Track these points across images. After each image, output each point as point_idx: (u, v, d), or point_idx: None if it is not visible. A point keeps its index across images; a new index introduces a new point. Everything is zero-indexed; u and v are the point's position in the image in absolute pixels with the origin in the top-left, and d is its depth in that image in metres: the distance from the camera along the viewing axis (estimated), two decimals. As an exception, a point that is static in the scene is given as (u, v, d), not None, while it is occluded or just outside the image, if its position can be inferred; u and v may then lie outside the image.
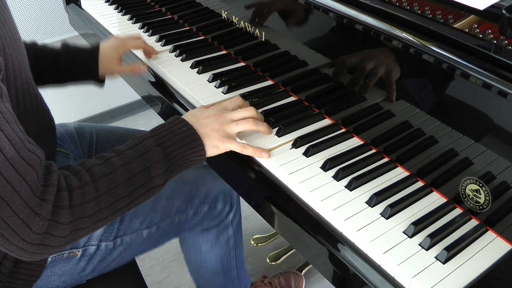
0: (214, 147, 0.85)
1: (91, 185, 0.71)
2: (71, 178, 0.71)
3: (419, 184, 0.84)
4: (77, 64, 1.11)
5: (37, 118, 0.91)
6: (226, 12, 1.19)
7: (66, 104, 2.20)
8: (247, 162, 0.92)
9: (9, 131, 0.64)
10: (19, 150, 0.65)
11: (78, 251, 0.95)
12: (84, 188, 0.70)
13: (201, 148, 0.83)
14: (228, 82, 1.11)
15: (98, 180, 0.72)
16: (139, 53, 1.25)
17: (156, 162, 0.77)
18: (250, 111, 0.91)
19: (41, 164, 0.68)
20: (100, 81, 1.16)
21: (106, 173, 0.73)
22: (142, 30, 1.38)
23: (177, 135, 0.81)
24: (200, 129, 0.84)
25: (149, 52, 1.21)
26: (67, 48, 1.11)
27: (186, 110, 1.08)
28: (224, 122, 0.87)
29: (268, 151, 0.89)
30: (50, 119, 1.00)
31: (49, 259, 0.92)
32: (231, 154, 0.95)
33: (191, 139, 0.82)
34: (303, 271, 1.65)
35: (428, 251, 0.72)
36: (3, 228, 0.64)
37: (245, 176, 0.91)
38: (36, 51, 1.09)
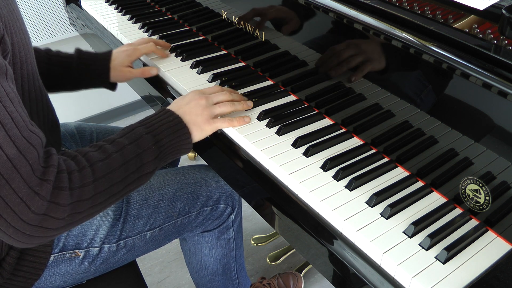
0: (201, 131, 0.89)
1: (88, 169, 0.72)
2: (69, 161, 0.71)
3: (419, 184, 0.84)
4: (89, 71, 1.13)
5: (42, 114, 0.91)
6: (226, 12, 1.19)
7: (66, 104, 2.20)
8: (248, 163, 0.92)
9: (11, 109, 0.64)
10: (21, 129, 0.65)
11: (81, 252, 0.95)
12: (82, 171, 0.71)
13: (187, 136, 0.86)
14: (228, 82, 1.11)
15: (94, 164, 0.73)
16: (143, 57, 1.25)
17: (147, 148, 0.80)
18: (225, 95, 0.97)
19: (42, 146, 0.68)
20: (112, 86, 1.18)
21: (101, 158, 0.74)
22: (142, 30, 1.38)
23: (165, 123, 0.84)
24: (185, 117, 0.87)
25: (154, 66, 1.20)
26: (80, 56, 1.13)
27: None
28: (205, 105, 0.92)
29: (249, 116, 0.98)
30: (55, 117, 1.00)
31: (51, 258, 0.92)
32: (231, 155, 0.95)
33: (179, 128, 0.85)
34: (303, 271, 1.65)
35: (428, 251, 0.72)
36: (2, 208, 0.63)
37: (246, 177, 0.91)
38: (50, 58, 1.11)
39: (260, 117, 0.99)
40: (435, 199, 0.81)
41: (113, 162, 0.75)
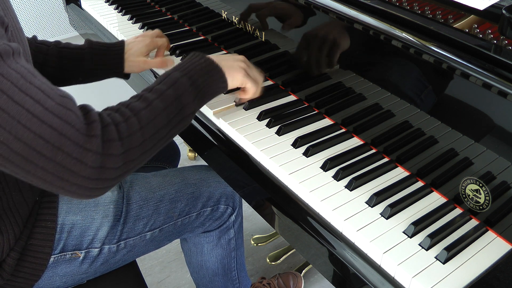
0: (233, 77, 0.92)
1: (134, 118, 0.74)
2: (113, 114, 0.74)
3: (419, 184, 0.84)
4: (102, 63, 1.12)
5: None
6: (226, 12, 1.19)
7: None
8: (248, 163, 0.92)
9: (39, 83, 0.66)
10: (53, 98, 0.67)
11: (81, 253, 0.95)
12: (128, 121, 0.74)
13: (222, 75, 0.89)
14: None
15: (138, 113, 0.75)
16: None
17: (185, 91, 0.82)
18: (261, 78, 1.01)
19: (75, 104, 0.70)
20: (126, 75, 1.17)
21: (143, 107, 0.77)
22: (142, 30, 1.38)
23: (198, 65, 0.87)
24: (221, 62, 0.90)
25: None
26: (91, 47, 1.12)
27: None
28: (244, 66, 0.95)
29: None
30: None
31: (52, 259, 0.92)
32: (231, 155, 0.95)
33: (211, 68, 0.88)
34: (303, 271, 1.65)
35: (428, 251, 0.72)
36: (62, 171, 0.66)
37: (246, 177, 0.91)
38: (60, 50, 1.10)
39: (260, 117, 0.99)
40: (435, 199, 0.81)
41: (156, 108, 0.77)
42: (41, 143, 0.64)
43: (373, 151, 0.91)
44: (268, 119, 0.98)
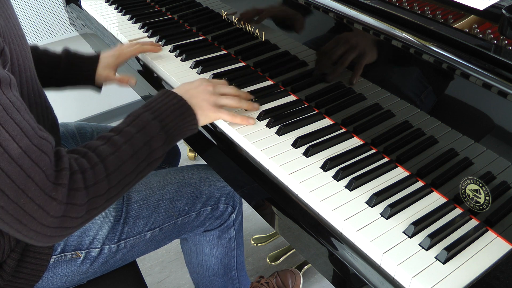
0: (205, 116, 0.90)
1: (101, 165, 0.72)
2: (80, 160, 0.72)
3: (419, 184, 0.84)
4: (75, 70, 1.14)
5: (42, 116, 0.91)
6: (226, 12, 1.19)
7: (66, 104, 2.20)
8: (248, 163, 0.92)
9: (19, 119, 0.65)
10: (31, 138, 0.65)
11: (81, 253, 0.95)
12: (95, 168, 0.72)
13: (193, 117, 0.87)
14: (228, 82, 1.11)
15: (105, 159, 0.74)
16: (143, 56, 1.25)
17: (155, 135, 0.80)
18: (233, 89, 0.97)
19: (52, 150, 0.69)
20: (98, 87, 1.19)
21: (111, 151, 0.75)
22: (142, 30, 1.38)
23: (170, 107, 0.84)
24: (191, 100, 0.87)
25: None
26: (68, 55, 1.14)
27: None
28: (212, 92, 0.92)
29: (254, 118, 0.97)
30: (54, 118, 1.00)
31: (52, 260, 0.92)
32: (231, 155, 0.95)
33: (184, 110, 0.85)
34: (302, 269, 1.65)
35: (428, 251, 0.72)
36: (21, 215, 0.64)
37: (246, 177, 0.91)
38: (37, 56, 1.11)
39: (260, 117, 0.99)
40: (435, 199, 0.81)
41: (124, 153, 0.76)
42: (6, 181, 0.62)
43: (373, 151, 0.91)
44: (268, 119, 0.98)
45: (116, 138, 0.77)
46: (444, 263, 0.70)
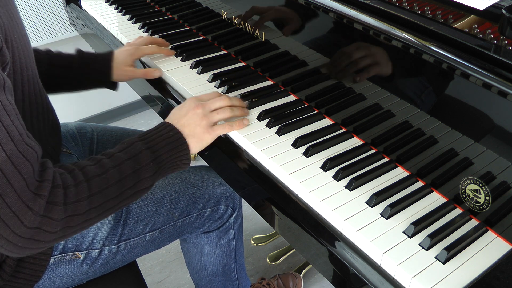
0: (201, 141, 0.89)
1: (85, 184, 0.72)
2: (66, 175, 0.71)
3: (419, 184, 0.84)
4: (90, 71, 1.13)
5: (42, 117, 0.91)
6: (226, 12, 1.19)
7: (66, 104, 2.20)
8: (248, 163, 0.92)
9: (8, 123, 0.64)
10: (17, 143, 0.64)
11: (81, 254, 0.95)
12: (78, 186, 0.71)
13: (186, 152, 0.86)
14: (228, 82, 1.11)
15: (91, 179, 0.73)
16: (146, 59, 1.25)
17: (146, 165, 0.79)
18: (224, 100, 0.95)
19: (37, 160, 0.68)
20: (113, 85, 1.18)
21: (98, 173, 0.74)
22: (142, 30, 1.38)
23: (164, 139, 0.83)
24: (184, 130, 0.86)
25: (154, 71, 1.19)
26: (81, 56, 1.13)
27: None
28: (203, 113, 0.91)
29: (247, 118, 0.97)
30: (55, 119, 1.00)
31: (52, 260, 0.92)
32: (232, 155, 0.95)
33: (178, 143, 0.85)
34: (303, 271, 1.65)
35: (428, 251, 0.72)
36: None
37: (246, 177, 0.91)
38: (50, 58, 1.10)
39: (260, 117, 0.99)
40: (435, 199, 0.81)
41: (110, 177, 0.75)
42: None
43: (373, 151, 0.91)
44: (268, 119, 0.98)
45: (105, 161, 0.76)
46: (444, 263, 0.70)
